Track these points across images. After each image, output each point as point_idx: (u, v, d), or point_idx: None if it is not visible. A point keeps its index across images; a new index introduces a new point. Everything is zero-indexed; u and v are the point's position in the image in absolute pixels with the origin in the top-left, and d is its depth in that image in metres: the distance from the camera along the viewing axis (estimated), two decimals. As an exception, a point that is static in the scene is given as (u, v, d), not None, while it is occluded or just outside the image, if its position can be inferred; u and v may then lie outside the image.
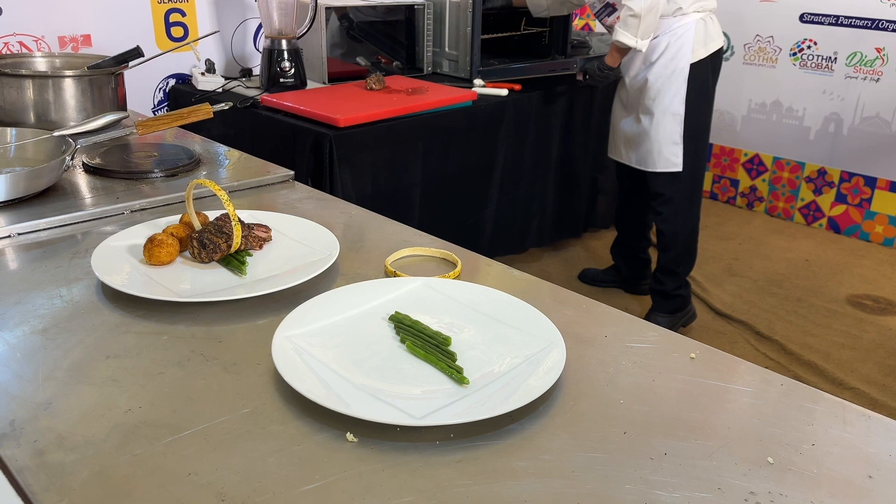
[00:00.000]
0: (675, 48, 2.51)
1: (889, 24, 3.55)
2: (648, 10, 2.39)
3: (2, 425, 0.74)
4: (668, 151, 2.61)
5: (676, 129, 2.58)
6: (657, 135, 2.61)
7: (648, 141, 2.64)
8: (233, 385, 0.82)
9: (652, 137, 2.62)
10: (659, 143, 2.61)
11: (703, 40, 2.53)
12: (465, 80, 2.90)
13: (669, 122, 2.58)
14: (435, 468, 0.70)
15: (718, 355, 0.91)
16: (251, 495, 0.66)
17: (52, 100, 1.73)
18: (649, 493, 0.67)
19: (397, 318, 0.94)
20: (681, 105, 2.55)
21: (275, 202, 1.41)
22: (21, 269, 1.11)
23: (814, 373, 2.61)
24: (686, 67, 2.52)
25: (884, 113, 3.66)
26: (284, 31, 2.59)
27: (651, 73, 2.56)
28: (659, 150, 2.62)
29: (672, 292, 2.80)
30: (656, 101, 2.57)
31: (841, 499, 0.68)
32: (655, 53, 2.54)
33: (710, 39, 2.55)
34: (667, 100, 2.56)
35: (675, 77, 2.53)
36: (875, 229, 3.79)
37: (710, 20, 2.56)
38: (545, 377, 0.81)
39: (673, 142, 2.60)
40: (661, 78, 2.55)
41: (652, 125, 2.61)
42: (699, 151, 2.67)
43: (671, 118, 2.57)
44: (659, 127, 2.60)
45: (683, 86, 2.54)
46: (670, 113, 2.57)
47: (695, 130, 2.61)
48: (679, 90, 2.54)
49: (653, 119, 2.60)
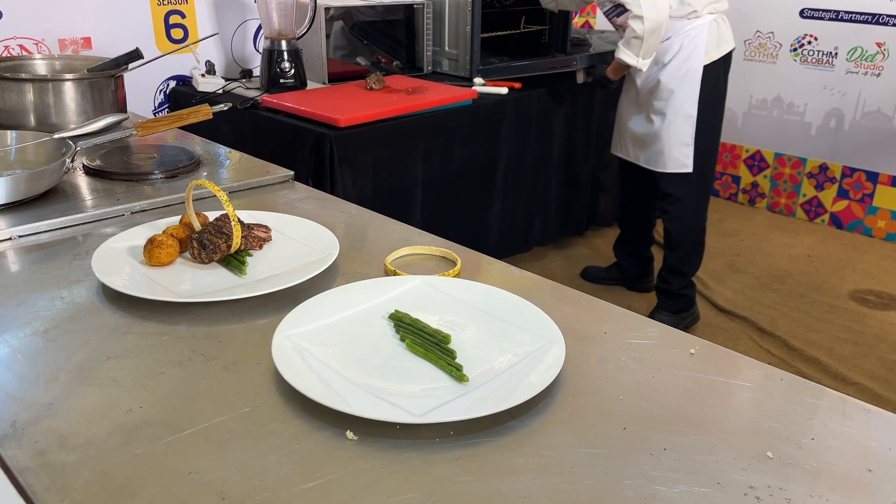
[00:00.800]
0: (689, 50, 2.51)
1: (889, 19, 3.55)
2: (651, 33, 2.41)
3: (3, 426, 0.75)
4: (678, 152, 2.61)
5: (688, 130, 2.58)
6: (668, 136, 2.60)
7: (659, 142, 2.63)
8: (233, 384, 0.82)
9: (663, 138, 2.62)
10: (670, 144, 2.61)
11: (716, 42, 2.53)
12: (466, 79, 2.90)
13: (682, 123, 2.58)
14: (435, 465, 0.70)
15: (718, 351, 0.91)
16: (252, 493, 0.66)
17: (52, 103, 1.73)
18: (649, 489, 0.68)
19: (397, 316, 0.94)
20: (693, 107, 2.56)
21: (275, 202, 1.41)
22: (22, 271, 1.12)
23: (817, 368, 2.61)
24: (699, 69, 2.52)
25: (885, 108, 3.65)
26: (284, 31, 2.60)
27: (664, 75, 2.56)
28: (670, 150, 2.62)
29: (678, 292, 2.80)
30: (669, 102, 2.57)
31: (840, 492, 0.68)
32: (668, 55, 2.54)
33: (723, 41, 2.55)
34: (679, 101, 2.56)
35: (688, 79, 2.53)
36: (877, 224, 3.79)
37: (723, 21, 2.56)
38: (545, 374, 0.81)
39: (684, 143, 2.60)
40: (675, 79, 2.55)
41: (664, 126, 2.61)
42: (710, 153, 2.67)
43: (683, 119, 2.57)
44: (671, 128, 2.59)
45: (696, 87, 2.54)
46: (683, 114, 2.57)
47: (706, 132, 2.61)
48: (692, 92, 2.54)
49: (665, 120, 2.60)
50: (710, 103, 2.59)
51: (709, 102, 2.57)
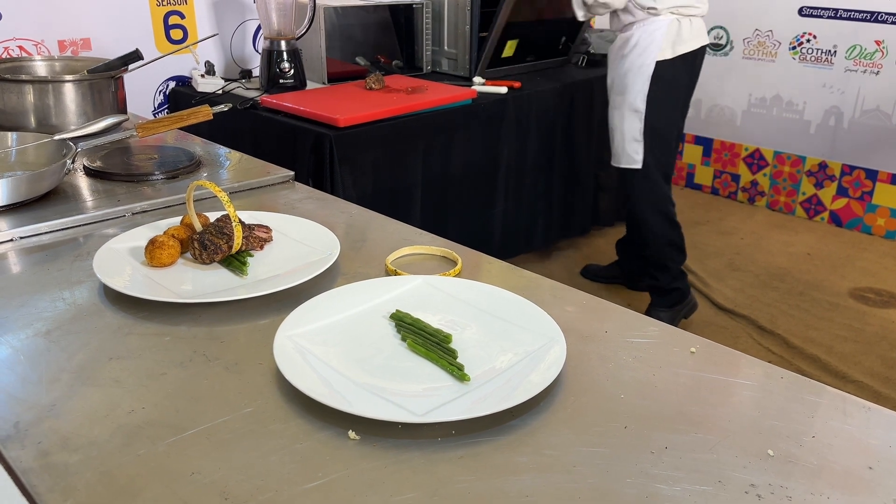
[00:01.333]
0: (644, 45, 2.53)
1: (888, 17, 3.55)
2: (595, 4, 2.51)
3: (6, 427, 0.75)
4: (630, 148, 2.65)
5: (637, 125, 2.61)
6: (622, 130, 2.64)
7: (616, 136, 2.68)
8: (235, 385, 0.82)
9: (617, 133, 2.66)
10: (623, 139, 2.65)
11: (672, 41, 2.54)
12: (465, 79, 2.90)
13: (631, 117, 2.61)
14: (437, 465, 0.70)
15: (719, 349, 0.91)
16: (254, 493, 0.66)
17: (52, 104, 1.73)
18: (650, 487, 0.68)
19: (398, 316, 0.94)
20: (642, 102, 2.57)
21: (275, 203, 1.41)
22: (23, 273, 1.12)
23: (817, 366, 2.61)
24: (651, 65, 2.53)
25: (884, 106, 3.65)
26: (283, 31, 2.60)
27: (621, 68, 2.59)
28: (623, 146, 2.66)
29: (668, 286, 2.79)
30: (624, 96, 2.61)
31: (841, 490, 0.68)
32: (627, 47, 2.57)
33: (682, 41, 2.55)
34: (630, 96, 2.58)
35: (640, 73, 2.55)
36: (877, 222, 3.79)
37: (688, 23, 2.56)
38: (546, 373, 0.81)
39: (634, 138, 2.63)
40: (630, 74, 2.57)
41: (617, 120, 2.65)
42: (661, 151, 2.67)
43: (632, 114, 2.60)
44: (623, 122, 2.63)
45: (647, 83, 2.55)
46: (632, 109, 2.60)
47: (656, 129, 2.61)
48: (643, 87, 2.56)
49: (619, 114, 2.64)
50: (662, 101, 2.58)
51: (659, 99, 2.57)
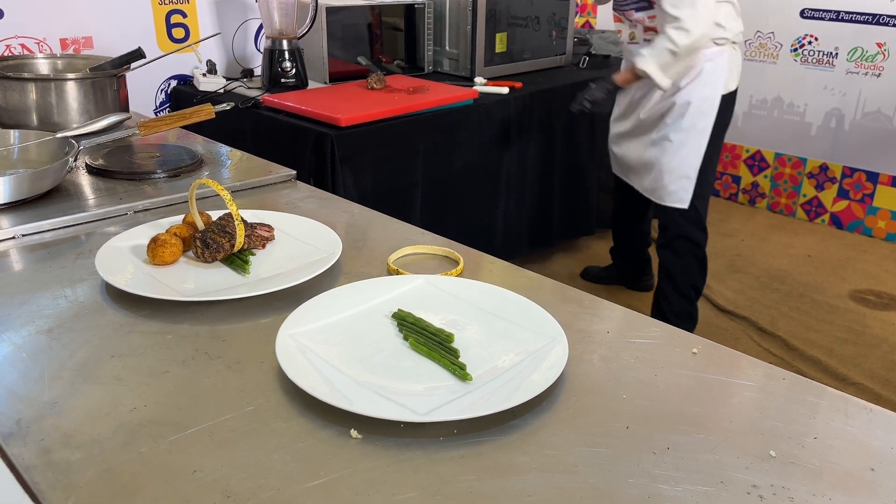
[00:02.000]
0: (709, 77, 2.26)
1: (890, 19, 3.55)
2: (689, 52, 2.13)
3: (9, 424, 0.75)
4: (677, 185, 2.38)
5: (693, 163, 2.35)
6: (671, 166, 2.37)
7: (659, 171, 2.40)
8: (237, 383, 0.82)
9: (665, 169, 2.38)
10: (671, 175, 2.38)
11: (737, 71, 2.33)
12: (467, 79, 2.90)
13: (688, 154, 2.34)
14: (438, 464, 0.70)
15: (721, 351, 0.91)
16: (256, 492, 0.66)
17: (54, 102, 1.73)
18: (652, 487, 0.68)
19: (400, 315, 0.94)
20: (705, 139, 2.31)
21: (277, 202, 1.42)
22: (26, 270, 1.12)
23: (817, 369, 2.61)
24: (717, 97, 2.29)
25: (885, 108, 3.65)
26: (285, 31, 2.60)
27: (678, 99, 2.30)
28: (669, 182, 2.39)
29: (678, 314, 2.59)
30: (678, 130, 2.32)
31: (843, 491, 0.68)
32: (686, 79, 2.27)
33: (736, 73, 2.35)
34: (690, 131, 2.31)
35: (705, 107, 2.29)
36: (877, 224, 3.79)
37: (739, 52, 2.36)
38: (548, 373, 0.81)
39: (685, 176, 2.37)
40: (690, 107, 2.29)
41: (667, 155, 2.37)
42: (706, 189, 2.43)
43: (690, 151, 2.34)
44: (674, 159, 2.35)
45: (712, 118, 2.30)
46: (691, 145, 2.32)
47: (708, 166, 2.38)
48: (706, 123, 2.30)
49: (670, 148, 2.35)
50: (719, 136, 2.36)
51: (719, 135, 2.34)
